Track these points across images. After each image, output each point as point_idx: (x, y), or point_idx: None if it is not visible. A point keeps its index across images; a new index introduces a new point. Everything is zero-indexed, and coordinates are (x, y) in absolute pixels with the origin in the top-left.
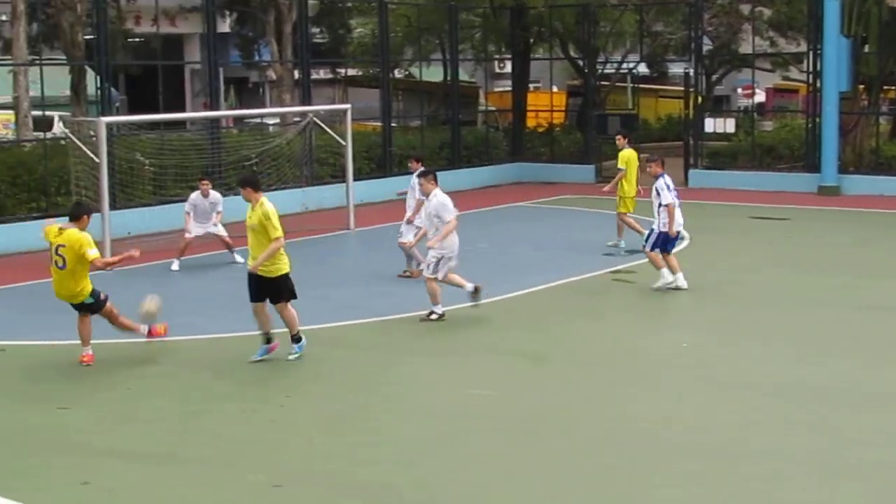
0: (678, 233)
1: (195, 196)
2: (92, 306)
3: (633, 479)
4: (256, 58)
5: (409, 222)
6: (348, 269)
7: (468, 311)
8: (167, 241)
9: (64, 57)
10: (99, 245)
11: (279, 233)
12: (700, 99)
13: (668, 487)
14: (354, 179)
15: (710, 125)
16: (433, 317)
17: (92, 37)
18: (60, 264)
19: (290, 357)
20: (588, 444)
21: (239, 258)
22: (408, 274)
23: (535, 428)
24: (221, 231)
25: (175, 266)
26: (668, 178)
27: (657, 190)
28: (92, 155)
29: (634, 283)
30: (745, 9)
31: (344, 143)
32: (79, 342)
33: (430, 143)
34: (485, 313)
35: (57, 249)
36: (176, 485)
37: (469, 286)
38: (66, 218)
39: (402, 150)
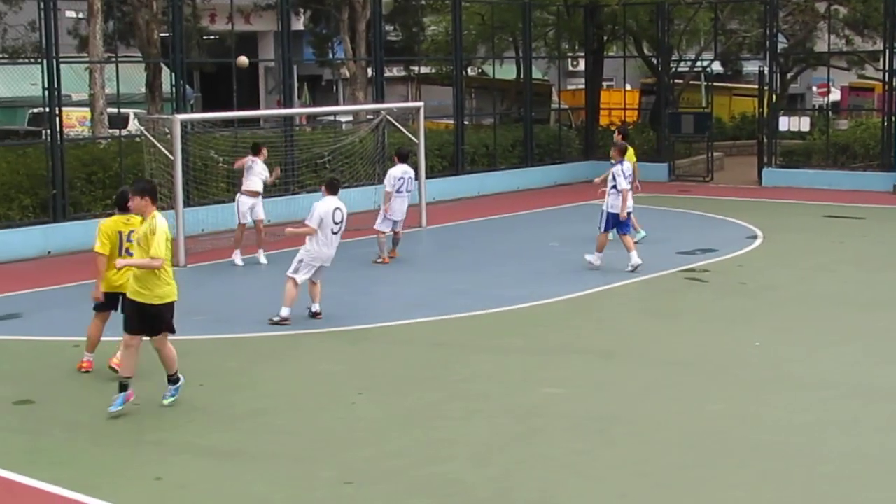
0: (629, 214)
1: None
2: None
3: (707, 479)
4: (330, 55)
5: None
6: (419, 267)
7: (539, 309)
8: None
9: (139, 54)
10: (173, 242)
11: (161, 252)
12: (775, 97)
13: (742, 488)
14: (427, 177)
15: (785, 124)
16: (276, 318)
17: (167, 34)
18: (132, 251)
19: (166, 401)
20: (661, 444)
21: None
22: (380, 260)
23: (606, 427)
24: (261, 214)
25: (262, 259)
26: (625, 166)
27: (613, 175)
28: (166, 152)
29: (707, 282)
30: (821, 7)
31: (416, 140)
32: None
33: (503, 142)
34: (556, 311)
35: (129, 236)
36: (247, 481)
37: (284, 312)
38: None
39: (474, 147)
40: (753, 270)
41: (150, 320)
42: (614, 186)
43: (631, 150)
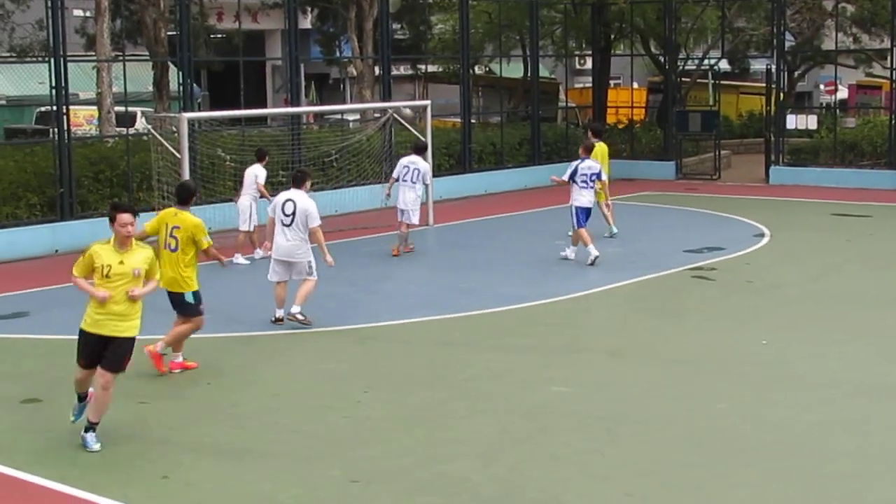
0: (588, 210)
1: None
2: (190, 308)
3: (712, 478)
4: (337, 54)
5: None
6: (426, 265)
7: (545, 307)
8: (247, 237)
9: (147, 53)
10: None
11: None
12: (782, 95)
13: (748, 487)
14: (434, 176)
15: (792, 122)
16: (272, 319)
17: (175, 33)
18: (173, 246)
19: (93, 447)
20: (668, 442)
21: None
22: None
23: (612, 426)
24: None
25: (258, 254)
26: (584, 164)
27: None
28: (174, 150)
29: (714, 280)
30: (829, 5)
31: (424, 139)
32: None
33: (510, 140)
34: (562, 310)
35: (172, 231)
36: (253, 479)
37: (278, 313)
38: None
39: (481, 146)
40: (760, 268)
41: (114, 355)
42: (584, 183)
43: (604, 150)
